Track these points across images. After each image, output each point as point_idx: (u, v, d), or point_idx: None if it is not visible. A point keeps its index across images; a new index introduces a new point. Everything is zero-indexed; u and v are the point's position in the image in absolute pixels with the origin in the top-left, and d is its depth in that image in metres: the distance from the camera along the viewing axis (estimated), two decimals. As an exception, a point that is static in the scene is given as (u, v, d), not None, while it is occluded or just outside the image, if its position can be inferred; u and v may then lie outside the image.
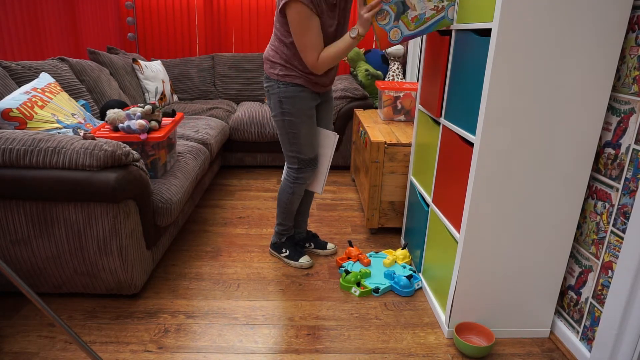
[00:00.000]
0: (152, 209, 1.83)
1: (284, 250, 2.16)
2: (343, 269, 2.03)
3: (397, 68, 3.75)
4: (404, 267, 2.09)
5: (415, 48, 3.72)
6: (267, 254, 2.24)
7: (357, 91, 3.40)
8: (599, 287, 1.48)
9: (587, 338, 1.54)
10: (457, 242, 1.62)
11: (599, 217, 1.50)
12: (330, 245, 2.27)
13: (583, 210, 1.58)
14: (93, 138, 1.61)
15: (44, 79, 2.04)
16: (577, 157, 1.47)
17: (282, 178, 2.06)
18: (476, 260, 1.58)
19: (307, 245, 2.27)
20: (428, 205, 1.96)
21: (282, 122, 1.89)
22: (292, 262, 2.13)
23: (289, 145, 1.94)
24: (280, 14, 1.72)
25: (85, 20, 3.42)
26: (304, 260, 2.12)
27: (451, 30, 1.73)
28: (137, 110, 1.95)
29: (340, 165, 3.60)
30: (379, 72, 3.75)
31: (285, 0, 1.64)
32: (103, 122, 2.24)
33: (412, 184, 2.24)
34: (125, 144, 1.65)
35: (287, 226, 2.15)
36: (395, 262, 2.14)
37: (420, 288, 1.98)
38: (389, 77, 3.77)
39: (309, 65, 1.75)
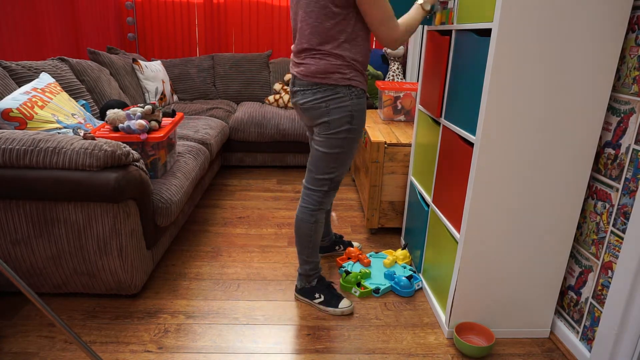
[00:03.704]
0: (152, 209, 1.83)
1: (317, 295, 1.82)
2: (343, 269, 2.03)
3: (397, 68, 3.75)
4: (404, 268, 2.09)
5: (415, 48, 3.72)
6: (267, 253, 2.24)
7: (357, 91, 3.40)
8: (599, 287, 1.48)
9: (587, 338, 1.54)
10: (457, 242, 1.62)
11: (599, 217, 1.50)
12: (355, 243, 2.31)
13: (583, 210, 1.58)
14: (93, 138, 1.61)
15: (44, 79, 2.04)
16: (577, 157, 1.47)
17: (300, 208, 1.76)
18: (476, 260, 1.58)
19: (337, 248, 2.26)
20: (428, 205, 1.95)
21: (343, 141, 1.60)
22: (330, 309, 1.79)
23: (331, 165, 1.64)
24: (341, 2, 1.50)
25: (85, 20, 3.42)
26: (344, 305, 1.79)
27: (451, 30, 1.73)
28: (137, 110, 1.95)
29: (340, 165, 3.59)
30: (379, 72, 3.75)
31: None
32: (103, 122, 2.24)
33: (412, 184, 2.24)
34: (125, 144, 1.65)
35: (314, 263, 1.82)
36: (396, 262, 2.14)
37: (420, 288, 1.98)
38: (389, 77, 3.78)
39: (391, 38, 1.53)
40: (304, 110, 1.64)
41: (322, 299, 1.81)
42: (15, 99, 1.78)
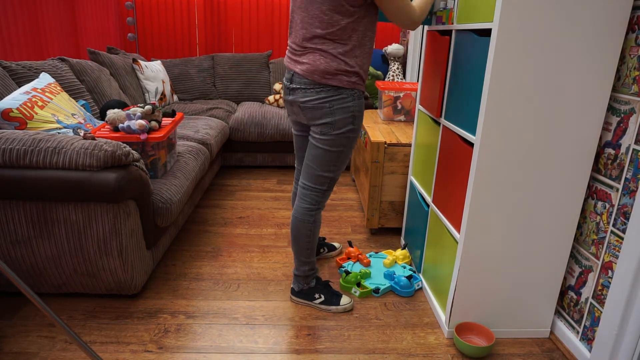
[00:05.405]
0: (152, 209, 1.83)
1: (317, 296, 1.82)
2: (343, 269, 2.03)
3: (397, 68, 3.75)
4: (404, 268, 2.09)
5: (415, 48, 3.72)
6: (267, 253, 2.24)
7: (357, 91, 3.40)
8: (599, 287, 1.48)
9: (587, 338, 1.54)
10: (457, 242, 1.62)
11: (599, 217, 1.50)
12: (337, 244, 2.29)
13: (583, 210, 1.58)
14: (93, 138, 1.61)
15: (44, 79, 2.04)
16: (577, 157, 1.47)
17: (297, 208, 1.73)
18: (476, 260, 1.58)
19: (322, 250, 2.23)
20: (428, 205, 1.95)
21: (346, 140, 1.61)
22: (332, 307, 1.80)
23: (332, 164, 1.64)
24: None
25: (85, 20, 3.42)
26: (345, 301, 1.82)
27: (451, 30, 1.73)
28: (137, 110, 1.95)
29: (340, 165, 3.60)
30: (379, 72, 3.75)
31: None
32: (103, 122, 2.24)
33: (412, 184, 2.24)
34: (125, 144, 1.65)
35: (312, 264, 1.81)
36: (395, 262, 2.14)
37: (420, 288, 1.98)
38: (389, 77, 3.78)
39: (411, 22, 1.54)
40: (303, 109, 1.62)
41: (322, 298, 1.81)
42: (15, 99, 1.78)
